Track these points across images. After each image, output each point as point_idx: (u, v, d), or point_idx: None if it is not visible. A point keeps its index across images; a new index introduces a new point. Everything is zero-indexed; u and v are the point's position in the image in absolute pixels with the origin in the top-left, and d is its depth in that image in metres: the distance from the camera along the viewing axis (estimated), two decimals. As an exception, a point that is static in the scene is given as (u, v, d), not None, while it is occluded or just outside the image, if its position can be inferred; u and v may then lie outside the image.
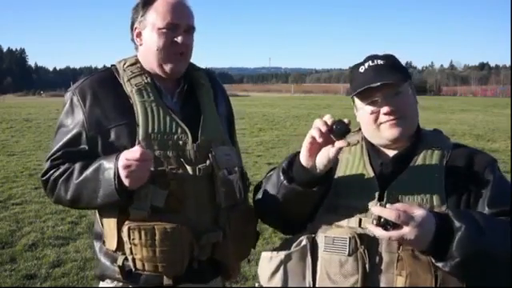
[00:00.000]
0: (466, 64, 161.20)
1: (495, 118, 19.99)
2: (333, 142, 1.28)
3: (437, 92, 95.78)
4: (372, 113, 1.36)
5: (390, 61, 1.40)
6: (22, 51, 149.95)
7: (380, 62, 1.39)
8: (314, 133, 1.28)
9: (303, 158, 1.33)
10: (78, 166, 1.53)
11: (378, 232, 1.21)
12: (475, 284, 1.24)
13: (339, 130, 1.26)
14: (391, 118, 1.34)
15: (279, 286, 1.38)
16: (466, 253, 1.18)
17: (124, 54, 1.74)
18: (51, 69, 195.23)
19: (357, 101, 1.42)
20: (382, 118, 1.35)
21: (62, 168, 1.55)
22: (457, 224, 1.20)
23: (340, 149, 1.28)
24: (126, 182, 1.42)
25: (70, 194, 1.54)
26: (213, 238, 1.56)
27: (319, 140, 1.28)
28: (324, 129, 1.27)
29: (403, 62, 1.50)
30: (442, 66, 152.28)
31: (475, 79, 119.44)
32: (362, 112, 1.40)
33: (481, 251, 1.19)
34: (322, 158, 1.30)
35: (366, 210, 1.32)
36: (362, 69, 1.40)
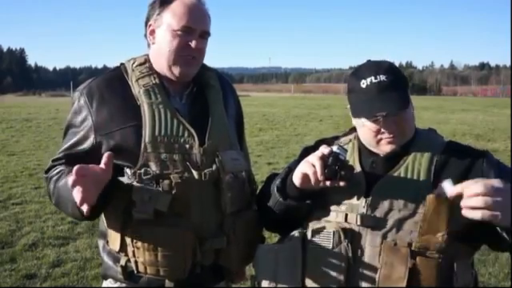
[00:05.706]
0: (466, 64, 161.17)
1: (495, 117, 19.97)
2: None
3: (437, 92, 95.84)
4: (374, 130, 1.37)
5: (392, 75, 1.35)
6: (22, 51, 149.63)
7: (383, 77, 1.33)
8: (310, 174, 1.32)
9: (296, 182, 1.38)
10: (67, 171, 1.50)
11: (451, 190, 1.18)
12: None
13: (345, 175, 1.30)
14: (391, 136, 1.36)
15: (270, 275, 1.44)
16: None
17: (124, 54, 1.75)
18: (51, 69, 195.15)
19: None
20: (383, 134, 1.37)
21: (56, 171, 1.55)
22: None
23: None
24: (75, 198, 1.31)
25: (53, 200, 1.56)
26: (217, 243, 1.54)
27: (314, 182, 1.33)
28: (321, 178, 1.31)
29: (403, 62, 1.50)
30: (442, 66, 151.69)
31: (475, 79, 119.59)
32: (363, 127, 1.39)
33: None
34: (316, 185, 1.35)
35: (351, 205, 1.37)
36: (363, 83, 1.34)
